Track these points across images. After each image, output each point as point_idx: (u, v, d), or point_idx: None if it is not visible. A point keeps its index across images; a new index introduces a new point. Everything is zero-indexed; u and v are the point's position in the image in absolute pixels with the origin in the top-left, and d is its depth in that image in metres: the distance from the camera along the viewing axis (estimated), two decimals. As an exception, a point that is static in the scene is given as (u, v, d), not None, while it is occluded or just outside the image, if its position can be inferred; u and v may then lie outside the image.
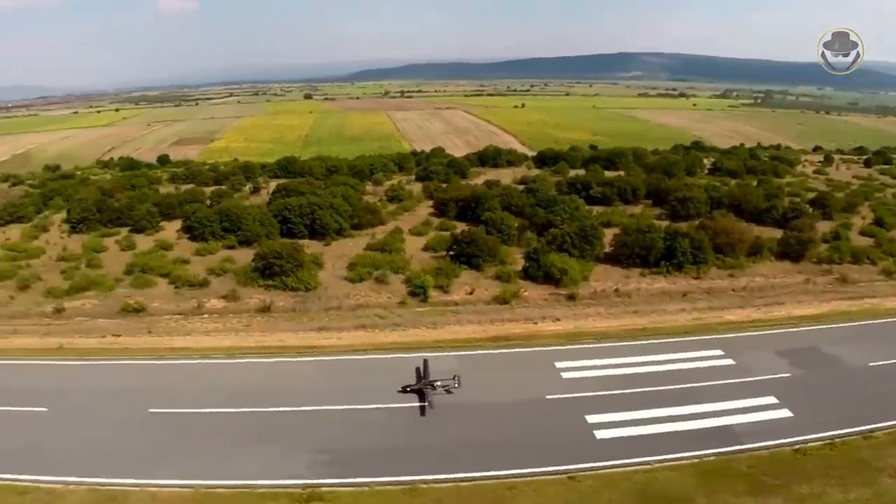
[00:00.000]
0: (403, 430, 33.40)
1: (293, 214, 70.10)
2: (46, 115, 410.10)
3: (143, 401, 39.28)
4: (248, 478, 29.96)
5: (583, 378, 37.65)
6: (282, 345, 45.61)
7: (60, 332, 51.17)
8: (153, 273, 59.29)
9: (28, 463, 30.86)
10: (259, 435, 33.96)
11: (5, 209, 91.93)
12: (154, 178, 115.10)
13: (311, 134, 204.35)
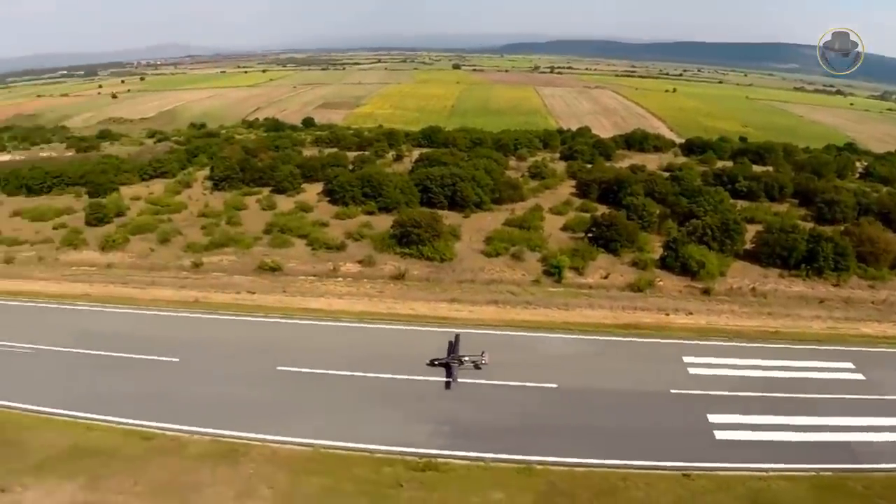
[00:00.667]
0: (522, 410, 57.55)
1: (434, 184, 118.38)
2: (194, 74, 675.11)
3: (272, 358, 68.05)
4: (367, 442, 54.37)
5: (709, 375, 62.55)
6: (413, 313, 77.91)
7: (197, 286, 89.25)
8: (291, 234, 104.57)
9: (155, 410, 59.66)
10: (383, 401, 59.72)
11: (150, 164, 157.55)
12: (298, 140, 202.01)
13: (457, 104, 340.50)
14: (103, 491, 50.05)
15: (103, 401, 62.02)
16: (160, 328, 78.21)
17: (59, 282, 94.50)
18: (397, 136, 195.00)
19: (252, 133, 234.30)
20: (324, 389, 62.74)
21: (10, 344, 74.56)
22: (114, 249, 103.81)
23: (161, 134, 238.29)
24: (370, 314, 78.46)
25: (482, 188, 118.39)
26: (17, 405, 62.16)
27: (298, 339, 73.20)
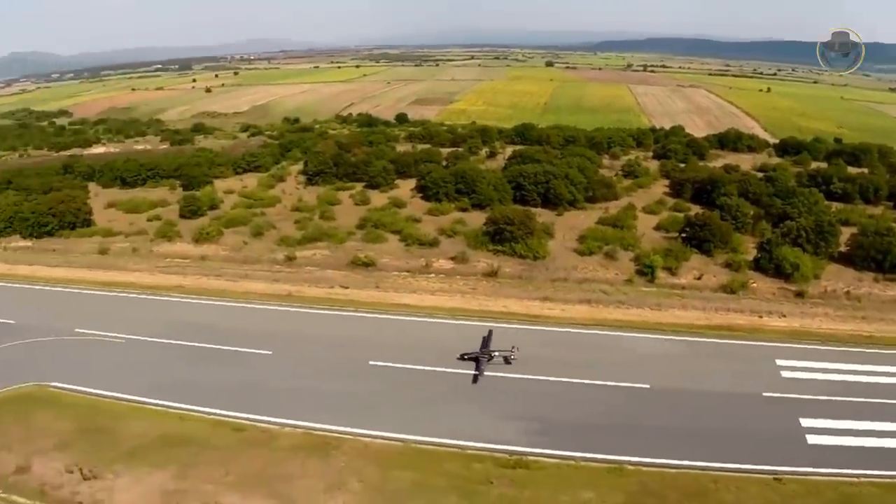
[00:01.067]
0: (617, 409, 60.00)
1: (528, 182, 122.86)
2: (287, 69, 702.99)
3: (365, 353, 70.37)
4: (458, 437, 55.98)
5: (803, 379, 64.30)
6: (505, 311, 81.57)
7: (290, 280, 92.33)
8: (385, 229, 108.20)
9: (248, 402, 64.08)
10: (474, 398, 62.55)
11: (244, 158, 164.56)
12: (391, 135, 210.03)
13: (550, 102, 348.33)
14: (193, 480, 52.40)
15: (195, 391, 65.05)
16: (253, 321, 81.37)
17: (152, 273, 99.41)
18: (490, 132, 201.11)
19: (345, 128, 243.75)
20: (416, 385, 64.79)
21: (105, 334, 79.02)
22: (207, 242, 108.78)
23: (254, 128, 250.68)
24: (462, 311, 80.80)
25: (575, 186, 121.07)
26: (109, 394, 65.88)
27: (391, 334, 75.51)
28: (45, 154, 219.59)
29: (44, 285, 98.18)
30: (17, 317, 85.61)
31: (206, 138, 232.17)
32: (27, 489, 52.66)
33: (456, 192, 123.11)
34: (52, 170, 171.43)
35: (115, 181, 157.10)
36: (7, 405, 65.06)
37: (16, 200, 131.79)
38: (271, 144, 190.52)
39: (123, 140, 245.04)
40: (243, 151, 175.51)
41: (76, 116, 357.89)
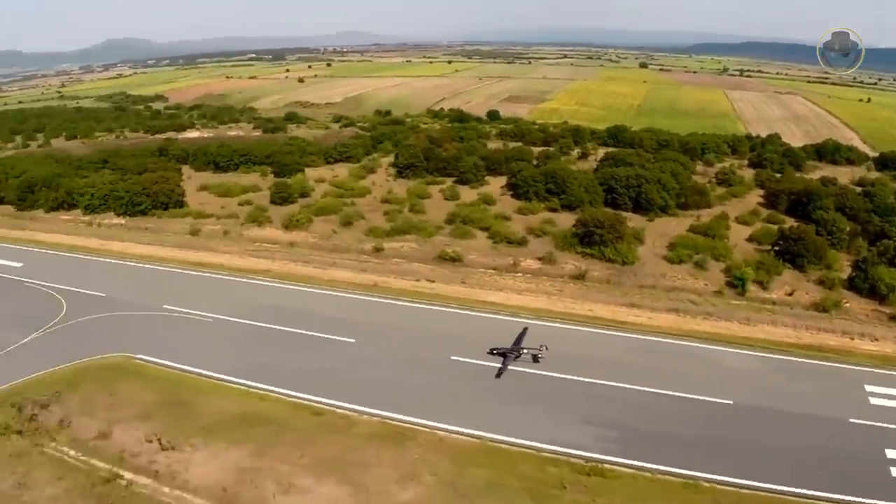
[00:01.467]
0: (697, 423, 59.11)
1: (619, 185, 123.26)
2: (379, 62, 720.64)
3: (447, 347, 71.24)
4: (535, 439, 55.98)
5: (892, 408, 61.56)
6: (591, 315, 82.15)
7: (376, 271, 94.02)
8: (473, 225, 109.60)
9: (328, 387, 65.90)
10: (554, 401, 62.86)
11: (335, 148, 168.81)
12: (482, 132, 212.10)
13: (643, 104, 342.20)
14: (269, 459, 54.00)
15: (277, 373, 67.08)
16: (338, 308, 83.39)
17: (242, 256, 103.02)
18: (583, 133, 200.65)
19: (436, 123, 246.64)
20: (497, 383, 64.86)
21: (192, 312, 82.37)
22: (297, 229, 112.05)
23: (347, 119, 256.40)
24: (547, 312, 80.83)
25: (668, 192, 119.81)
26: (193, 370, 68.62)
27: (474, 330, 75.81)
28: (141, 137, 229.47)
29: (135, 262, 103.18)
30: (109, 290, 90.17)
31: (298, 127, 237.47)
32: (106, 454, 55.25)
33: (546, 192, 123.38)
34: (148, 152, 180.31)
35: (209, 165, 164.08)
36: (95, 373, 68.55)
37: (111, 179, 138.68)
38: (363, 136, 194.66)
39: (217, 126, 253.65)
40: (335, 142, 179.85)
41: (171, 101, 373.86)
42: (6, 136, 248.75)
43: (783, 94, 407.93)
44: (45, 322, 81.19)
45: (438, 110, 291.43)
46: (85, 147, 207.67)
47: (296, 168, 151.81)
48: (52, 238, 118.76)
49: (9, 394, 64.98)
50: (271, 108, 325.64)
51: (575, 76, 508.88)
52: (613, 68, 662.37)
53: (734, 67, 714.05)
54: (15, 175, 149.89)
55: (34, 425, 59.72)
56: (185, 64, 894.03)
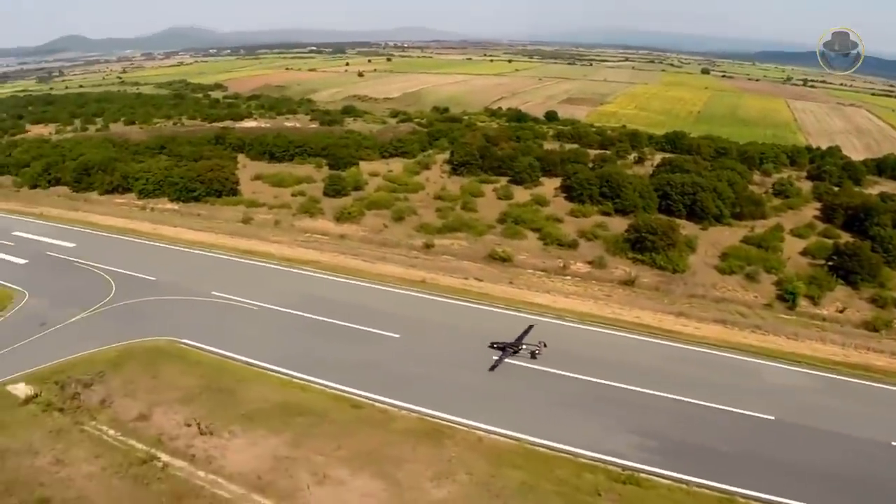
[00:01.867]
0: (737, 437, 58.09)
1: (674, 192, 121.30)
2: (439, 59, 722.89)
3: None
4: (572, 444, 55.57)
5: None
6: (637, 322, 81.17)
7: (425, 267, 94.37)
8: (525, 226, 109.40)
9: (370, 381, 66.19)
10: (594, 406, 62.59)
11: (391, 143, 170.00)
12: (539, 132, 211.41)
13: (703, 111, 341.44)
14: (306, 449, 54.38)
15: (320, 364, 67.68)
16: (385, 303, 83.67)
17: (291, 246, 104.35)
18: (640, 137, 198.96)
19: (494, 122, 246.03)
20: (539, 386, 64.72)
21: (239, 299, 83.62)
22: (348, 221, 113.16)
23: (404, 115, 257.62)
24: (594, 317, 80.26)
25: (723, 201, 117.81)
26: (237, 357, 69.60)
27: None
28: (199, 124, 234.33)
29: (185, 247, 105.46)
30: (159, 274, 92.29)
31: (355, 121, 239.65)
32: (145, 436, 56.30)
33: (600, 195, 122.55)
34: (204, 139, 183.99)
35: (264, 155, 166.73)
36: (139, 355, 70.02)
37: (166, 165, 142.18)
38: (419, 132, 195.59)
39: (274, 116, 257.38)
40: (391, 136, 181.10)
41: (230, 91, 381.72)
42: (66, 119, 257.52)
43: (846, 106, 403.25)
44: (93, 303, 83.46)
45: (496, 109, 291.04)
46: (142, 133, 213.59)
47: (351, 161, 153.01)
48: (105, 220, 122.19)
49: (53, 371, 66.85)
50: (329, 100, 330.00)
51: (635, 80, 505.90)
52: (675, 73, 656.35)
53: (797, 77, 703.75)
54: (72, 158, 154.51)
55: (76, 403, 61.26)
56: (246, 54, 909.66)
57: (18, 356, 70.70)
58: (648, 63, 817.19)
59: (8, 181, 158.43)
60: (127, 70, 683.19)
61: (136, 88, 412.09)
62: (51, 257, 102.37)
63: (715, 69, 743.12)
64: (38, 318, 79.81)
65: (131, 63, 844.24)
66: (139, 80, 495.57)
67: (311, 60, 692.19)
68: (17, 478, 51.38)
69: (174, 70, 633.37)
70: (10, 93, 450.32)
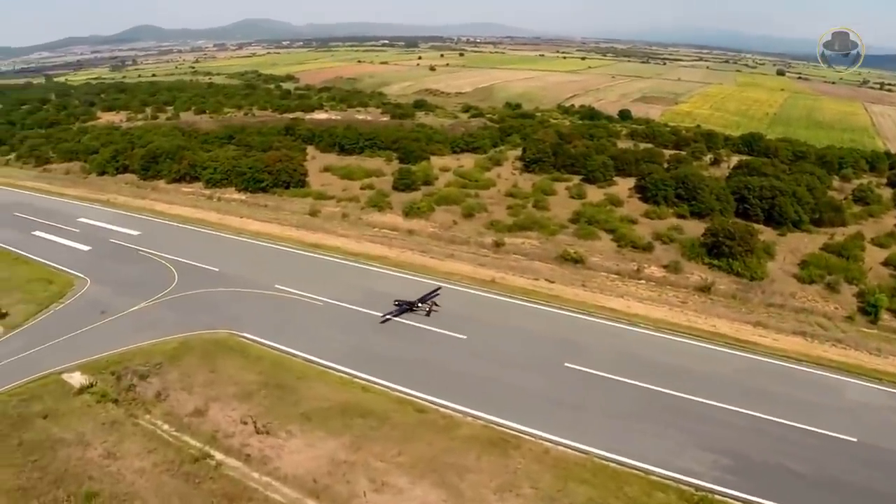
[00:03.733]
0: (815, 458, 54.34)
1: (752, 195, 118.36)
2: (512, 55, 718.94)
3: (561, 353, 68.36)
4: (644, 461, 52.64)
5: None
6: (713, 331, 77.46)
7: (495, 266, 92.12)
8: (598, 226, 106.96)
9: (434, 384, 63.86)
10: (667, 420, 58.89)
11: (462, 138, 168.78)
12: (613, 131, 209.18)
13: (779, 113, 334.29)
14: (365, 453, 52.49)
15: (384, 365, 65.93)
16: (453, 302, 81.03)
17: (359, 241, 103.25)
18: (716, 138, 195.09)
19: (566, 119, 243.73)
20: (608, 396, 61.81)
21: (303, 294, 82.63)
22: (417, 217, 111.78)
23: (476, 110, 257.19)
24: (668, 324, 76.90)
25: (802, 206, 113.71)
26: (298, 353, 68.33)
27: (591, 337, 73.08)
28: (269, 115, 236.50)
29: (251, 238, 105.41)
30: (222, 265, 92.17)
31: (426, 115, 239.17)
32: (199, 432, 55.28)
33: (675, 197, 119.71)
34: (274, 130, 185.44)
35: (334, 147, 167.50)
36: (198, 348, 69.37)
37: (235, 155, 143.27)
38: (491, 127, 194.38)
39: (345, 109, 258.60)
40: (462, 131, 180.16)
41: (302, 83, 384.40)
42: (137, 107, 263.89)
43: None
44: (154, 292, 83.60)
45: (569, 106, 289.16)
46: (212, 122, 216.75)
47: (421, 155, 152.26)
48: (171, 209, 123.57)
49: (110, 362, 66.68)
50: (401, 94, 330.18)
51: (710, 79, 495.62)
52: (750, 74, 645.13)
53: (875, 80, 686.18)
54: (141, 145, 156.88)
55: (131, 395, 60.80)
56: (319, 47, 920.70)
57: (76, 344, 70.76)
58: (723, 63, 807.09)
59: (76, 167, 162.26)
60: (200, 60, 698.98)
61: (209, 78, 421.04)
62: (114, 245, 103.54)
63: (790, 70, 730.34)
64: (98, 306, 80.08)
65: (204, 53, 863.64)
66: (211, 71, 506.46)
67: (383, 54, 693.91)
68: (67, 469, 50.89)
69: (246, 61, 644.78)
70: (83, 80, 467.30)
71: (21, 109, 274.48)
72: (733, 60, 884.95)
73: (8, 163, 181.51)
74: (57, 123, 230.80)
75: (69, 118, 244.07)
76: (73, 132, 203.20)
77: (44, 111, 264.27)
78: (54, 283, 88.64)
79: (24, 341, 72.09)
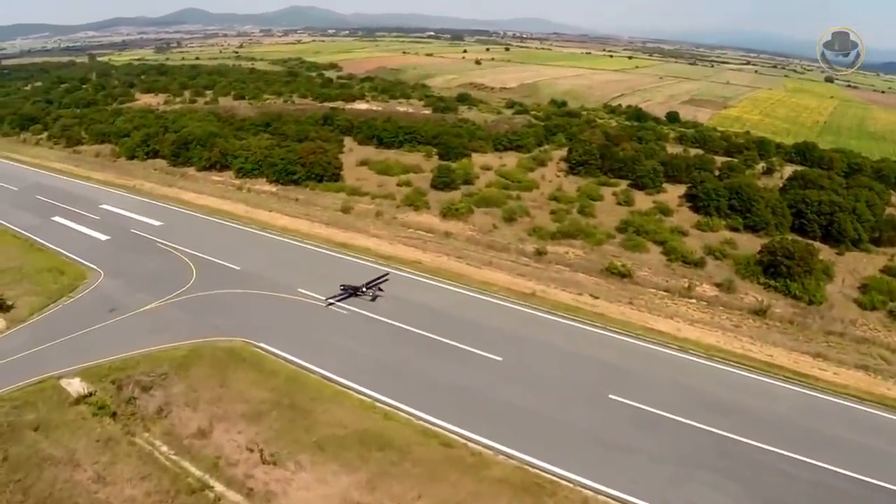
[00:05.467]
0: None
1: (810, 210, 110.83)
2: (558, 52, 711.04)
3: (605, 382, 61.28)
4: None
5: None
6: (769, 361, 69.37)
7: (536, 277, 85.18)
8: (647, 237, 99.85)
9: (464, 414, 57.02)
10: (723, 468, 51.82)
11: (506, 135, 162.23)
12: (661, 134, 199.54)
13: (830, 121, 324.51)
14: (381, 493, 46.61)
15: (410, 387, 59.58)
16: (488, 317, 74.66)
17: (392, 242, 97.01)
18: (768, 146, 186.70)
19: (613, 119, 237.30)
20: (658, 436, 54.50)
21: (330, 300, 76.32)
22: (455, 218, 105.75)
23: (520, 106, 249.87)
24: (721, 352, 69.16)
25: (862, 224, 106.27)
26: (317, 369, 62.14)
27: (638, 364, 65.77)
28: (309, 103, 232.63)
29: (277, 235, 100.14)
30: (244, 263, 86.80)
31: (469, 109, 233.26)
32: (200, 457, 49.86)
33: (728, 208, 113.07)
34: (312, 119, 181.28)
35: (372, 139, 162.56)
36: (208, 357, 63.88)
37: (268, 145, 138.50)
38: (536, 125, 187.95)
39: (387, 100, 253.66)
40: (506, 129, 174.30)
41: (345, 72, 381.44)
42: (176, 90, 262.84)
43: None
44: (169, 290, 78.34)
45: (616, 106, 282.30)
46: (251, 108, 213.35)
47: (462, 152, 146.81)
48: (197, 199, 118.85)
49: (113, 368, 61.58)
50: (444, 87, 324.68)
51: (758, 84, 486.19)
52: (798, 79, 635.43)
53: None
54: (174, 130, 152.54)
55: (131, 409, 55.62)
56: (364, 36, 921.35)
57: (80, 345, 65.81)
58: (771, 68, 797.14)
59: (107, 150, 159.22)
60: (244, 45, 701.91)
61: (251, 64, 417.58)
62: (134, 235, 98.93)
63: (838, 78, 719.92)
64: (108, 303, 75.23)
65: (249, 39, 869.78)
66: (255, 56, 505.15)
67: (428, 45, 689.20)
68: (52, 493, 45.82)
69: (291, 48, 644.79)
70: (126, 61, 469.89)
71: (60, 88, 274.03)
72: (781, 65, 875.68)
73: (39, 142, 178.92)
74: (94, 104, 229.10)
75: (106, 99, 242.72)
76: (107, 113, 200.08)
77: (82, 91, 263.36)
78: (66, 273, 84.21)
79: (25, 338, 67.56)
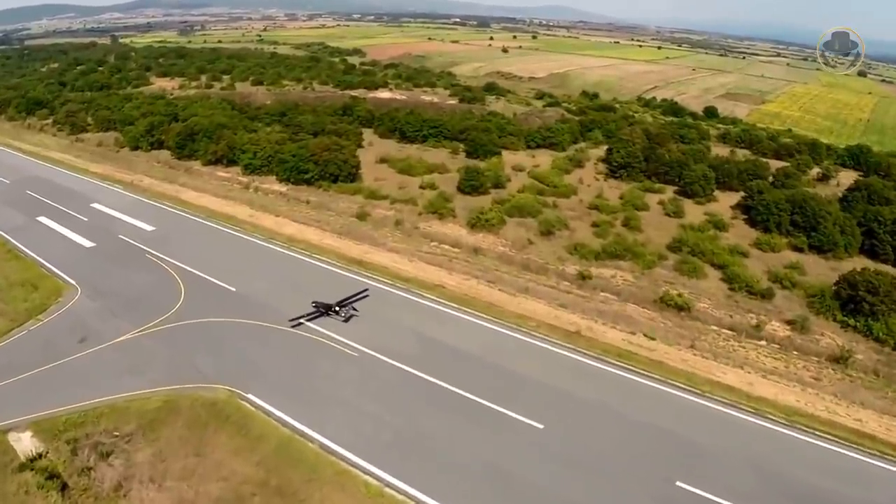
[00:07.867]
0: None
1: (883, 230, 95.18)
2: (586, 40, 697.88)
3: (670, 461, 47.66)
4: None
5: None
6: (859, 429, 53.65)
7: (579, 308, 71.30)
8: (703, 258, 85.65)
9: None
10: None
11: (538, 131, 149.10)
12: (703, 132, 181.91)
13: (873, 119, 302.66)
14: None
15: (428, 466, 46.59)
16: (527, 364, 60.71)
17: (412, 259, 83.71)
18: (820, 149, 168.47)
19: (648, 113, 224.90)
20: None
21: (336, 337, 63.55)
22: (485, 231, 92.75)
23: (550, 97, 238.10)
24: (803, 417, 54.12)
25: None
26: (314, 435, 49.46)
27: (707, 433, 51.49)
28: (329, 91, 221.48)
29: (281, 247, 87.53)
30: (240, 283, 74.50)
31: (497, 100, 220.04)
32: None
33: (790, 224, 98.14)
34: (331, 109, 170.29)
35: (394, 133, 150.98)
36: (186, 413, 51.61)
37: (279, 139, 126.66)
38: (570, 120, 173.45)
39: (412, 88, 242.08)
40: (539, 123, 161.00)
41: (368, 58, 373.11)
42: (193, 74, 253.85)
43: None
44: (151, 316, 66.24)
45: (650, 99, 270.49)
46: (268, 95, 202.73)
47: (492, 150, 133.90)
48: (198, 199, 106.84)
49: (69, 423, 49.76)
50: (471, 75, 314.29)
51: (793, 78, 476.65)
52: (831, 73, 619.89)
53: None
54: (183, 118, 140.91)
55: (84, 482, 43.89)
56: (389, 21, 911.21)
57: (39, 386, 54.64)
58: (802, 60, 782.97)
59: (111, 139, 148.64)
60: (268, 29, 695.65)
61: (273, 48, 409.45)
62: (122, 242, 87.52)
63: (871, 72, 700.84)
64: (80, 330, 63.67)
65: (274, 22, 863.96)
66: (278, 40, 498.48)
67: (454, 32, 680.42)
68: None
69: (315, 32, 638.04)
70: (147, 43, 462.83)
71: (76, 70, 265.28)
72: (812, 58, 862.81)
73: (43, 128, 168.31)
74: (108, 87, 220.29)
75: (121, 82, 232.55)
76: (116, 98, 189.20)
77: (98, 73, 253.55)
78: (40, 289, 72.96)
79: (-22, 374, 55.23)
